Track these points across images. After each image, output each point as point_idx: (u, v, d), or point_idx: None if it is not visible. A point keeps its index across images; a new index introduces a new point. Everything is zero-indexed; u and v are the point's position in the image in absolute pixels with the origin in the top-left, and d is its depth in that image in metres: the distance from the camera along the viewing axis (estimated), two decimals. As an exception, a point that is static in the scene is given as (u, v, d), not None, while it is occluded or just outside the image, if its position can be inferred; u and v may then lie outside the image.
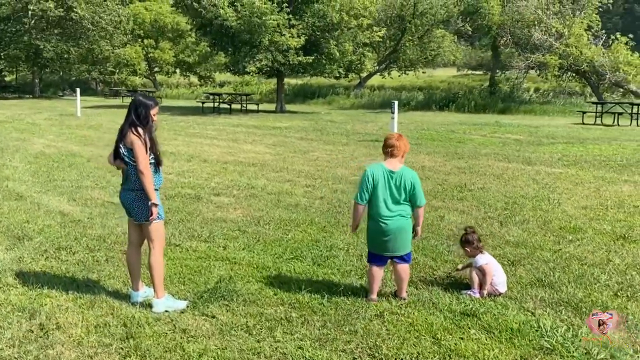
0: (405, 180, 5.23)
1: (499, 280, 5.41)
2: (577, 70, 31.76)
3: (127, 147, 5.04)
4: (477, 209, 8.60)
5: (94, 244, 7.04)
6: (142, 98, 5.22)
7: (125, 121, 5.13)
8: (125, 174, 5.20)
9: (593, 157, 13.34)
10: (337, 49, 26.03)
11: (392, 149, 5.27)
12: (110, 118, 24.35)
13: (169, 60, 50.83)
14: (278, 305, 5.18)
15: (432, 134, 18.56)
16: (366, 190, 5.20)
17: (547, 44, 31.37)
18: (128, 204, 5.19)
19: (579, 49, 30.78)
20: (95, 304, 5.23)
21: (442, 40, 42.56)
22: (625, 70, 30.15)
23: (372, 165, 5.32)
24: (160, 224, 5.18)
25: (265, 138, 17.83)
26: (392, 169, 5.24)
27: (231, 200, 9.40)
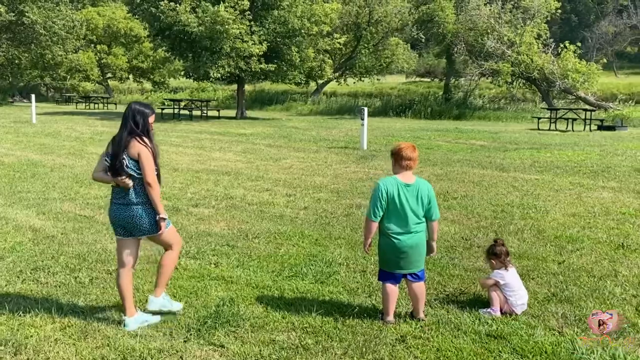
0: (422, 193, 4.85)
1: (518, 302, 5.05)
2: (528, 77, 32.20)
3: (132, 157, 4.61)
4: (467, 218, 8.29)
5: (74, 263, 6.40)
6: (139, 106, 4.80)
7: (122, 130, 4.70)
8: (121, 188, 4.70)
9: (563, 163, 13.29)
10: (299, 56, 25.58)
11: (410, 161, 4.84)
12: (68, 125, 23.29)
13: (122, 66, 49.42)
14: (289, 331, 4.71)
15: (399, 140, 18.29)
16: (380, 207, 4.80)
17: (499, 51, 31.71)
18: (128, 220, 4.69)
19: (530, 57, 31.22)
20: (87, 334, 4.65)
21: (396, 48, 42.72)
22: (573, 77, 30.69)
23: (384, 179, 4.89)
24: (171, 228, 4.93)
25: (232, 145, 17.23)
26: (407, 182, 4.83)
27: (212, 211, 8.85)
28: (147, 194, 4.67)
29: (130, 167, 4.62)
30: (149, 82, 52.52)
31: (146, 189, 4.65)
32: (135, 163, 4.63)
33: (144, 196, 4.67)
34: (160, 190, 4.76)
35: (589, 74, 31.27)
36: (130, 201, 4.67)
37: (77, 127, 22.36)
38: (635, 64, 77.11)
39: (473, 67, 32.95)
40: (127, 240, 4.79)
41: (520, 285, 5.15)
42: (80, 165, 13.12)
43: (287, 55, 25.80)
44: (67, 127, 22.19)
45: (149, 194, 4.65)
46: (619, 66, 73.28)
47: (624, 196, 9.66)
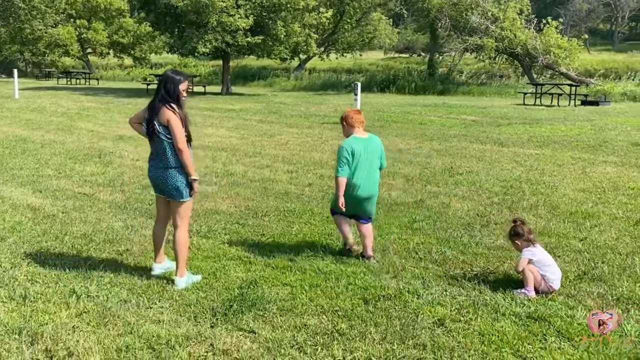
0: (376, 145, 5.48)
1: (553, 276, 4.82)
2: (511, 52, 31.99)
3: (162, 123, 4.75)
4: (478, 194, 8.05)
5: (80, 243, 6.02)
6: (171, 73, 4.85)
7: (155, 97, 4.82)
8: (155, 151, 4.88)
9: (560, 137, 13.11)
10: (284, 30, 24.99)
11: (359, 121, 5.44)
12: (52, 100, 22.55)
13: (103, 41, 48.13)
14: (320, 314, 4.41)
15: (390, 115, 17.99)
16: (347, 164, 5.28)
17: (483, 27, 31.41)
18: (161, 182, 4.90)
19: (513, 32, 30.98)
20: (106, 320, 4.30)
21: (378, 23, 42.23)
22: (556, 53, 30.57)
23: (346, 140, 5.40)
24: (189, 203, 4.98)
25: (223, 121, 16.77)
26: (364, 138, 5.42)
27: (215, 189, 8.47)
28: (178, 159, 4.77)
29: (161, 132, 4.74)
30: (130, 57, 51.33)
31: (178, 154, 4.74)
32: (165, 129, 4.73)
33: (176, 161, 4.78)
34: (191, 154, 4.83)
35: (571, 49, 31.19)
36: (163, 165, 4.82)
37: (62, 103, 21.64)
38: (608, 41, 77.35)
39: (457, 43, 32.61)
40: (162, 197, 5.02)
41: (552, 260, 4.91)
42: (71, 141, 12.60)
43: (273, 29, 25.17)
44: (52, 103, 21.46)
45: (181, 159, 4.75)
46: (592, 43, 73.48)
47: (627, 171, 9.49)
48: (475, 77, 36.58)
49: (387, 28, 44.01)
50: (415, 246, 5.95)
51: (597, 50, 69.57)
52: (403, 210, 7.26)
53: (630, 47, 67.68)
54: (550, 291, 4.79)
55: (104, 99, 24.14)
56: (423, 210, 7.30)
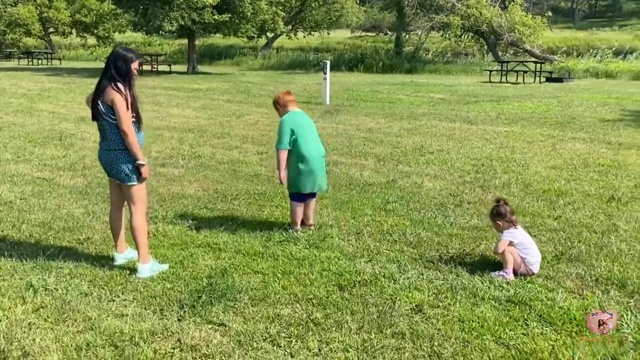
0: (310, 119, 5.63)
1: (533, 259, 4.65)
2: (477, 30, 31.91)
3: (106, 104, 4.42)
4: (450, 174, 7.87)
5: (39, 232, 5.65)
6: (122, 51, 4.49)
7: (102, 76, 4.47)
8: (102, 132, 4.57)
9: (528, 114, 13.03)
10: (252, 7, 24.39)
11: (292, 101, 5.61)
12: (12, 82, 21.64)
13: (65, 20, 46.47)
14: (293, 303, 4.17)
15: (359, 94, 17.72)
16: (289, 136, 5.36)
17: (449, 4, 31.23)
18: (107, 164, 4.61)
19: (479, 10, 30.86)
20: (65, 316, 3.99)
21: (345, 2, 41.66)
22: (520, 30, 30.59)
23: (287, 114, 5.52)
24: (142, 186, 4.66)
25: (190, 101, 16.28)
26: (302, 112, 5.63)
27: (181, 171, 8.14)
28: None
29: (104, 112, 4.44)
30: (93, 37, 49.74)
31: (122, 137, 4.45)
32: (110, 109, 4.43)
33: (121, 143, 4.49)
34: (137, 137, 4.53)
35: (535, 27, 31.25)
36: (108, 146, 4.54)
37: (23, 84, 20.79)
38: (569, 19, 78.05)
39: (423, 21, 32.38)
40: (114, 181, 4.71)
41: (532, 242, 4.76)
42: (31, 124, 12.04)
43: (240, 7, 24.53)
44: (12, 84, 20.59)
45: (125, 142, 4.46)
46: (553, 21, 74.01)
47: (597, 147, 9.43)
48: (441, 55, 36.43)
49: (354, 6, 43.44)
50: (389, 228, 5.74)
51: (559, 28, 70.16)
52: (376, 191, 7.05)
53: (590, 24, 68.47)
54: (529, 274, 4.63)
55: (66, 79, 23.30)
56: (396, 190, 7.09)
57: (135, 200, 4.63)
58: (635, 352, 3.52)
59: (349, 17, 43.73)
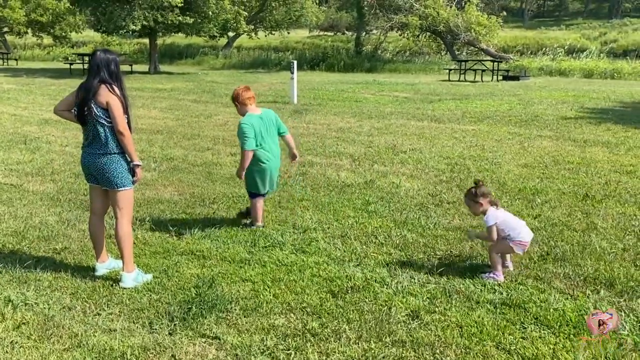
0: (270, 117, 5.56)
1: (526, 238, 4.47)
2: (434, 30, 32.13)
3: (100, 106, 4.23)
4: (425, 173, 7.80)
5: (12, 242, 5.33)
6: (111, 54, 4.32)
7: (91, 78, 4.26)
8: (92, 136, 4.33)
9: (492, 112, 13.10)
10: (215, 7, 23.94)
11: (250, 98, 5.52)
12: (-32, 82, 20.72)
13: (20, 20, 44.88)
14: (287, 313, 4.00)
15: (325, 93, 17.57)
16: (253, 137, 5.34)
17: (407, 5, 31.36)
18: (98, 169, 4.35)
19: (436, 10, 31.09)
20: (49, 333, 3.74)
21: (305, 2, 41.47)
22: (476, 30, 30.95)
23: (245, 118, 5.46)
24: (131, 191, 4.48)
25: (155, 101, 15.84)
26: (259, 114, 5.49)
27: (154, 175, 7.85)
28: (119, 144, 4.30)
29: (100, 115, 4.23)
30: (50, 36, 48.22)
31: (118, 138, 4.27)
32: (104, 111, 4.24)
33: (117, 146, 4.31)
34: (132, 139, 4.37)
35: (490, 27, 31.66)
36: (101, 151, 4.30)
37: (-21, 85, 19.93)
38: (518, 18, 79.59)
39: (382, 21, 32.43)
40: (98, 187, 4.50)
41: (517, 219, 4.62)
42: (-8, 127, 11.49)
43: (203, 7, 24.06)
44: (-32, 85, 19.73)
45: (122, 143, 4.29)
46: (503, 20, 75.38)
47: (564, 145, 9.51)
48: (400, 54, 36.59)
49: (313, 7, 43.31)
50: (374, 230, 5.62)
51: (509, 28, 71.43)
52: (355, 192, 6.92)
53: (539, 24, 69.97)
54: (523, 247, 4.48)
55: (25, 80, 22.43)
56: (375, 191, 6.98)
57: (122, 206, 4.41)
58: (635, 353, 3.48)
59: (309, 17, 43.61)
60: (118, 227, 4.44)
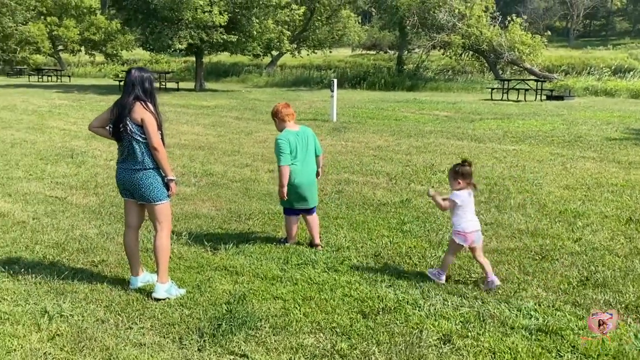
0: (308, 136, 5.56)
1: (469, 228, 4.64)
2: (477, 49, 31.82)
3: (135, 123, 4.32)
4: (463, 193, 7.64)
5: (52, 254, 5.43)
6: (145, 72, 4.43)
7: (126, 95, 4.35)
8: (127, 152, 4.41)
9: (534, 132, 12.81)
10: (259, 27, 24.30)
11: (289, 115, 5.53)
12: (23, 98, 21.50)
13: (74, 38, 46.52)
14: (316, 332, 3.94)
15: (365, 111, 17.54)
16: (289, 152, 5.35)
17: (450, 24, 31.17)
18: (134, 185, 4.43)
19: (479, 29, 30.81)
20: (82, 344, 3.76)
21: (347, 21, 41.75)
22: (520, 49, 30.51)
23: (281, 134, 5.46)
24: (167, 204, 4.55)
25: (199, 118, 16.10)
26: (296, 130, 5.50)
27: (193, 190, 7.93)
28: (153, 159, 4.39)
29: (135, 132, 4.32)
30: (102, 54, 49.78)
31: (152, 154, 4.36)
32: (139, 128, 4.33)
33: (151, 161, 4.39)
34: (166, 154, 4.46)
35: (534, 46, 31.18)
36: (137, 166, 4.38)
37: (34, 100, 20.64)
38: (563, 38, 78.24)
39: (425, 40, 32.32)
40: (132, 202, 4.57)
41: (471, 214, 4.74)
42: (42, 141, 11.85)
43: (247, 26, 24.45)
44: (23, 100, 20.46)
45: (156, 158, 4.37)
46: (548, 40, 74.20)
47: (607, 166, 9.21)
48: (442, 73, 36.35)
49: (356, 26, 43.56)
50: (408, 250, 5.52)
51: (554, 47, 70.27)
52: (390, 211, 6.83)
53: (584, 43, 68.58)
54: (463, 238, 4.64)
55: (76, 96, 23.16)
56: (410, 210, 6.87)
57: (161, 219, 4.49)
58: (679, 388, 3.29)
59: (351, 36, 43.86)
60: (157, 239, 4.50)
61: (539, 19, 74.25)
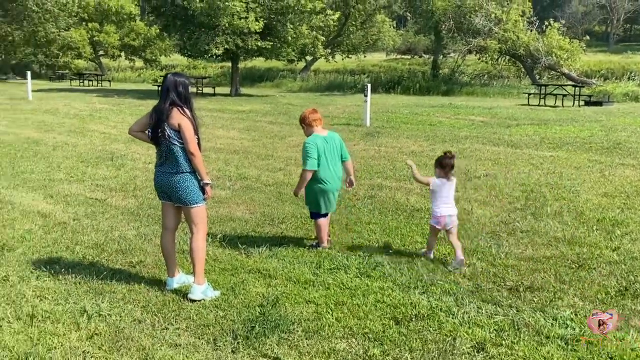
0: (335, 140, 5.61)
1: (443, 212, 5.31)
2: (514, 54, 31.38)
3: (172, 128, 4.42)
4: (499, 200, 7.55)
5: (92, 254, 5.56)
6: (181, 77, 4.60)
7: (163, 101, 4.46)
8: (165, 156, 4.52)
9: (571, 139, 12.56)
10: (293, 32, 24.45)
11: (317, 120, 5.61)
12: (65, 102, 22.05)
13: (114, 44, 47.56)
14: (349, 337, 3.94)
15: (399, 116, 17.46)
16: (316, 157, 5.42)
17: (487, 28, 30.81)
18: (171, 188, 4.52)
19: (516, 34, 30.38)
20: (119, 344, 3.84)
21: (382, 25, 41.68)
22: (558, 54, 29.97)
23: (310, 138, 5.56)
24: (203, 207, 4.63)
25: (234, 122, 16.27)
26: (324, 136, 5.56)
27: (228, 193, 8.01)
28: (190, 163, 4.48)
29: (172, 136, 4.42)
30: (141, 59, 50.77)
31: (189, 158, 4.46)
32: (176, 133, 4.42)
33: (188, 165, 4.48)
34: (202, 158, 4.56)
35: (572, 51, 30.59)
36: (174, 170, 4.48)
37: (75, 104, 21.16)
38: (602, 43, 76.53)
39: (460, 44, 32.00)
40: (170, 204, 4.66)
41: (450, 198, 5.40)
42: (83, 144, 12.14)
43: (282, 32, 24.63)
44: (65, 104, 20.98)
45: (193, 163, 4.47)
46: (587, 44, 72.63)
47: (648, 174, 8.97)
48: (478, 77, 35.94)
49: (391, 30, 43.46)
50: (441, 257, 5.47)
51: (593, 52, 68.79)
52: (424, 217, 6.78)
53: (624, 48, 66.93)
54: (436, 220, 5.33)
55: (115, 100, 23.65)
56: (444, 216, 6.80)
57: (197, 222, 4.57)
58: None
59: (386, 41, 43.77)
60: (193, 241, 4.58)
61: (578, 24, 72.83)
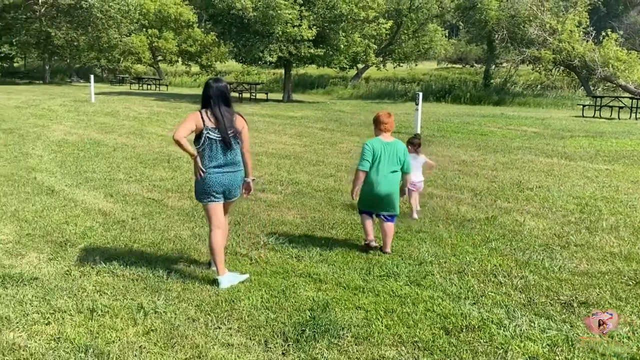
0: (398, 150, 5.64)
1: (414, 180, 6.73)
2: (569, 64, 30.57)
3: (237, 130, 4.84)
4: (552, 212, 7.35)
5: (149, 252, 5.69)
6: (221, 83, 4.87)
7: (224, 107, 4.80)
8: (231, 157, 4.85)
9: (628, 152, 12.14)
10: (345, 40, 24.52)
11: (387, 125, 5.65)
12: (125, 105, 22.72)
13: (172, 50, 48.78)
14: (398, 345, 3.90)
15: (449, 125, 17.26)
16: (369, 159, 5.54)
17: (541, 39, 30.13)
18: (236, 184, 4.95)
19: (572, 45, 29.59)
20: (174, 341, 3.91)
21: (434, 35, 41.32)
22: (615, 65, 29.01)
23: (370, 140, 5.68)
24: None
25: (286, 128, 16.41)
26: (387, 141, 5.63)
27: (280, 197, 8.07)
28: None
29: (237, 137, 4.84)
30: (197, 65, 51.88)
31: (245, 156, 4.95)
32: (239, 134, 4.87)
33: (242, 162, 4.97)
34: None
35: (630, 62, 29.56)
36: (238, 168, 4.91)
37: (134, 107, 21.78)
38: (664, 54, 73.60)
39: (514, 54, 31.37)
40: (221, 204, 4.95)
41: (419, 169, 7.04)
42: (141, 145, 12.47)
43: (334, 40, 24.73)
44: (125, 107, 21.62)
45: (246, 160, 4.98)
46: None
47: None
48: (531, 88, 35.15)
49: (443, 39, 43.05)
50: (493, 268, 5.36)
51: (652, 63, 66.26)
52: (475, 227, 6.66)
53: (687, 60, 64.11)
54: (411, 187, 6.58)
55: (172, 104, 24.23)
56: (496, 227, 6.68)
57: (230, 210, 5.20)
58: None
59: (437, 50, 43.37)
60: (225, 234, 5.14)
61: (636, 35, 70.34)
